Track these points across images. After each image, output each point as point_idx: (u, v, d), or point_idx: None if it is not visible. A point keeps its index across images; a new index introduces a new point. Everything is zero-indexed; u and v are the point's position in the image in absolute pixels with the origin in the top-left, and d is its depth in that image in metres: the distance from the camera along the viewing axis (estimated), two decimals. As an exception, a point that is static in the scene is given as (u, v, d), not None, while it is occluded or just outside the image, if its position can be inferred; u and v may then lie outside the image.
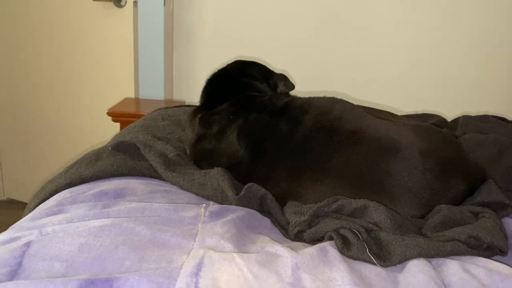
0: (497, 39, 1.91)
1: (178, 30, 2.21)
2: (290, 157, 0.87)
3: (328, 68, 2.04)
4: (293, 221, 0.77)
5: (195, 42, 2.20)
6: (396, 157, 0.82)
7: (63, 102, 2.19)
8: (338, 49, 2.00)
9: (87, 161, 0.96)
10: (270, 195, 0.85)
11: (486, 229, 0.74)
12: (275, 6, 2.04)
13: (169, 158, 0.95)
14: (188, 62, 2.22)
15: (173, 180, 0.89)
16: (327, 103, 0.92)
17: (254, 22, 2.06)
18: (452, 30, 1.93)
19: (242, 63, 1.17)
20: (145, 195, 0.84)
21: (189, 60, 2.22)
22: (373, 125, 0.86)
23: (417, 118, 1.25)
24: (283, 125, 0.89)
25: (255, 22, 2.06)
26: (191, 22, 2.20)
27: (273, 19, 2.04)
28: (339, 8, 1.98)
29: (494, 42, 1.92)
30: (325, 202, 0.78)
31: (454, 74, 1.96)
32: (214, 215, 0.77)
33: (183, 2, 2.17)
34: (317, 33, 2.01)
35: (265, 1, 2.05)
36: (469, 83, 1.94)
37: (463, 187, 0.86)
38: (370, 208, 0.76)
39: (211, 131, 0.97)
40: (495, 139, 1.08)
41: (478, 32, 1.91)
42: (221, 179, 0.86)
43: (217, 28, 2.15)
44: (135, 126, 1.23)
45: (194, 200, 0.85)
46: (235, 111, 0.95)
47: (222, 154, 0.93)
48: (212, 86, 1.11)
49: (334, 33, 2.00)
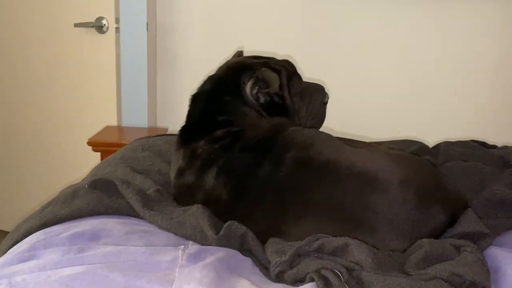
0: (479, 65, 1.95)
1: (161, 55, 2.20)
2: (272, 195, 0.85)
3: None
4: (274, 261, 0.76)
5: (179, 67, 2.19)
6: (375, 190, 0.82)
7: (43, 130, 2.15)
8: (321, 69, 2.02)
9: (63, 200, 0.93)
10: (251, 233, 0.83)
11: (468, 266, 0.73)
12: (261, 32, 2.05)
13: (147, 195, 0.93)
14: (173, 88, 2.21)
15: (151, 219, 0.87)
16: (308, 137, 0.91)
17: (239, 46, 2.07)
18: (433, 54, 1.97)
19: (223, 77, 1.05)
20: (122, 236, 0.81)
21: (173, 85, 2.21)
22: (352, 158, 0.86)
23: (398, 144, 1.25)
24: (266, 164, 0.87)
25: (240, 47, 2.07)
26: (175, 46, 2.19)
27: (258, 44, 2.05)
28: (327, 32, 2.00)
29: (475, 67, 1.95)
30: (306, 241, 0.77)
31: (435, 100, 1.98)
32: (193, 257, 0.75)
33: (166, 26, 2.17)
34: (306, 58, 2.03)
35: (250, 26, 2.06)
36: (450, 108, 1.97)
37: (444, 217, 0.85)
38: (351, 247, 0.75)
39: (192, 166, 0.95)
40: (477, 167, 1.08)
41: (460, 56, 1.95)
42: (200, 217, 0.84)
43: (201, 53, 2.15)
44: (115, 157, 1.21)
45: (173, 240, 0.83)
46: (216, 149, 0.93)
47: (201, 191, 0.92)
48: (195, 110, 1.04)
49: (319, 53, 2.02)
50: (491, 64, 1.93)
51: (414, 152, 1.18)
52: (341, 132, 1.21)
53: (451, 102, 1.96)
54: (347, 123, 1.89)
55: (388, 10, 1.95)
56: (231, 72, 1.05)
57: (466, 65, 1.94)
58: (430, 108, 1.97)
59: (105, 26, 2.03)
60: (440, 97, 1.98)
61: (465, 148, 1.20)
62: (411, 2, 1.92)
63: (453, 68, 1.95)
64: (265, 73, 0.99)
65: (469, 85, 1.95)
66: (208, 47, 2.13)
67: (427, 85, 1.98)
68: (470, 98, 1.96)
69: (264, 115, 1.00)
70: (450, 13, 1.92)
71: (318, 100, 1.09)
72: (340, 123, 1.72)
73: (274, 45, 1.95)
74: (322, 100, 1.10)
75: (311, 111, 1.08)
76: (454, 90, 1.96)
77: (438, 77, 1.97)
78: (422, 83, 1.98)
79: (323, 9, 2.00)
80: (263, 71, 1.00)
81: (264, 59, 1.08)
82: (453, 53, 1.95)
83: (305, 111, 1.08)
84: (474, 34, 1.92)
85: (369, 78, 2.02)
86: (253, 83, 1.00)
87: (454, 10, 1.91)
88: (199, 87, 1.07)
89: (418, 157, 0.99)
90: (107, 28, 2.03)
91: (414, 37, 1.96)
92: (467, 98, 1.96)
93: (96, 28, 2.03)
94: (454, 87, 1.96)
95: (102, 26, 2.03)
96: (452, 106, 1.97)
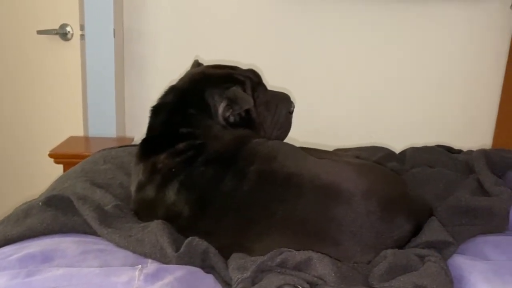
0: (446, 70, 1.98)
1: (129, 62, 2.15)
2: (235, 210, 0.83)
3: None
4: (236, 278, 0.73)
5: (148, 74, 2.14)
6: (338, 202, 0.81)
7: (6, 142, 2.06)
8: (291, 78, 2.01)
9: (15, 218, 0.88)
10: (213, 249, 0.80)
11: (431, 276, 0.73)
12: (229, 38, 2.03)
13: (105, 211, 0.89)
14: (142, 96, 2.15)
15: (109, 236, 0.83)
16: (272, 150, 0.90)
17: (208, 53, 2.04)
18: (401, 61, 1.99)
19: (186, 88, 1.01)
20: (76, 256, 0.77)
21: (142, 93, 2.16)
22: (315, 170, 0.85)
23: (365, 151, 1.25)
24: (229, 179, 0.85)
25: (209, 53, 2.04)
26: (143, 53, 2.15)
27: (227, 50, 2.03)
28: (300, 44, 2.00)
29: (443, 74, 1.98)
30: (269, 256, 0.75)
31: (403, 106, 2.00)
32: (150, 278, 0.71)
33: (134, 33, 2.12)
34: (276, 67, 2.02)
35: (220, 31, 2.04)
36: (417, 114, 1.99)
37: (408, 226, 0.85)
38: (314, 261, 0.74)
39: (153, 181, 0.92)
40: (442, 173, 1.09)
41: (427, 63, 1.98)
42: (159, 234, 0.80)
43: (170, 60, 2.10)
44: (75, 171, 1.16)
45: (130, 259, 0.79)
46: (178, 162, 0.90)
47: (162, 206, 0.88)
48: (156, 123, 1.00)
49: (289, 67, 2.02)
50: (458, 70, 1.97)
51: (381, 159, 1.18)
52: (308, 142, 1.19)
53: (419, 109, 1.99)
54: (315, 132, 1.89)
55: (354, 17, 1.96)
56: (195, 84, 1.02)
57: (433, 71, 1.97)
58: (398, 114, 1.99)
59: (70, 33, 1.98)
60: (408, 103, 2.00)
61: (431, 154, 1.21)
62: (378, 10, 1.93)
63: (419, 74, 1.98)
64: (237, 94, 0.97)
65: (435, 91, 1.98)
66: (177, 54, 2.09)
67: (394, 91, 2.00)
68: (437, 104, 1.98)
69: (228, 128, 0.98)
70: (417, 21, 1.95)
71: (283, 110, 1.07)
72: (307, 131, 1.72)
73: (241, 52, 1.94)
74: (288, 109, 1.08)
75: (276, 122, 1.07)
76: (421, 96, 1.99)
77: (406, 83, 1.99)
78: (390, 89, 2.00)
79: (289, 17, 1.99)
80: (234, 91, 0.97)
81: (227, 68, 1.06)
82: (419, 60, 1.97)
83: (271, 122, 1.06)
84: (439, 41, 1.95)
85: (336, 85, 2.02)
86: (226, 105, 0.97)
87: (421, 18, 1.94)
88: (161, 98, 1.03)
89: (381, 166, 0.99)
90: (72, 35, 1.98)
91: (381, 45, 1.97)
92: (430, 103, 1.98)
93: (60, 35, 1.98)
94: (422, 93, 1.98)
95: (66, 33, 1.98)
96: (419, 112, 1.99)
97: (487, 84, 1.97)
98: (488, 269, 0.77)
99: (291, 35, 2.01)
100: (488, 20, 1.93)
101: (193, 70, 1.09)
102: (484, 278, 0.74)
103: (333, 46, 2.00)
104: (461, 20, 1.93)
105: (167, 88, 1.04)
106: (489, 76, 1.96)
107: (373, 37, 1.97)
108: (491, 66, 1.95)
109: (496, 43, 1.95)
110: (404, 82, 1.99)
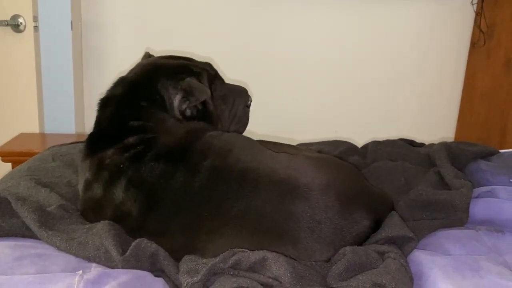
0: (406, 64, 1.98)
1: (88, 55, 2.07)
2: (187, 209, 0.78)
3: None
4: (185, 282, 0.68)
5: (107, 67, 2.06)
6: (296, 198, 0.77)
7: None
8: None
9: None
10: (163, 251, 0.75)
11: (390, 274, 0.70)
12: (187, 31, 1.99)
13: (48, 212, 0.82)
14: (101, 90, 2.06)
15: (49, 239, 0.77)
16: (227, 143, 0.85)
17: (169, 44, 1.98)
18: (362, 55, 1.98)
19: (137, 80, 0.95)
20: (10, 263, 0.70)
21: (101, 87, 2.05)
22: (272, 165, 0.81)
23: (327, 145, 1.22)
24: (180, 174, 0.79)
25: (170, 44, 1.97)
26: (102, 46, 2.07)
27: (189, 43, 1.97)
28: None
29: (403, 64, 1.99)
30: (221, 258, 0.70)
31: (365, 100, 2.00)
32: (91, 284, 0.65)
33: (92, 24, 2.03)
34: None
35: (181, 23, 1.99)
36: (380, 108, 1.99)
37: (368, 221, 0.82)
38: (269, 261, 0.70)
39: (100, 178, 0.85)
40: (403, 167, 1.07)
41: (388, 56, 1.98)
42: (105, 236, 0.75)
43: (130, 52, 2.01)
44: (20, 169, 1.08)
45: (73, 264, 0.73)
46: (126, 158, 0.83)
47: (109, 206, 0.82)
48: (104, 116, 0.94)
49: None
50: (421, 65, 1.98)
51: (343, 153, 1.16)
52: (269, 135, 1.16)
53: (381, 102, 1.99)
54: (276, 126, 1.86)
55: (317, 11, 1.94)
56: (146, 75, 0.96)
57: (395, 66, 1.98)
58: (361, 108, 1.98)
59: (22, 24, 1.88)
60: (371, 98, 2.00)
61: (392, 148, 1.19)
62: (340, 6, 1.92)
63: (381, 70, 1.98)
64: (193, 85, 0.92)
65: (398, 86, 1.99)
66: (138, 47, 2.01)
67: (358, 86, 1.99)
68: (400, 98, 1.99)
69: (183, 121, 0.92)
70: (379, 16, 1.95)
71: (241, 104, 1.03)
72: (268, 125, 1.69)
73: (200, 44, 1.89)
74: (245, 103, 1.04)
75: (234, 115, 1.02)
76: (384, 90, 1.99)
77: (369, 79, 1.99)
78: (354, 84, 1.99)
79: (249, 9, 1.96)
80: (190, 82, 0.92)
81: (182, 59, 1.01)
82: (381, 56, 1.98)
83: (228, 115, 1.01)
84: (401, 37, 1.96)
85: (297, 79, 2.00)
86: (181, 97, 0.92)
87: (383, 13, 1.94)
88: (109, 90, 0.97)
89: (340, 160, 0.95)
90: (25, 26, 1.89)
91: (344, 41, 1.96)
92: (394, 97, 1.99)
93: (12, 26, 1.88)
94: (385, 88, 1.98)
95: (18, 25, 1.88)
96: (382, 106, 1.99)
97: (450, 78, 1.99)
98: (448, 264, 0.75)
99: (253, 29, 1.98)
100: (449, 16, 1.95)
101: (144, 61, 1.03)
102: (444, 273, 0.72)
103: (298, 41, 1.98)
104: (424, 16, 1.94)
105: (116, 80, 0.98)
106: (451, 70, 1.98)
107: (336, 34, 1.96)
108: (453, 60, 1.97)
109: (458, 38, 1.97)
110: (367, 77, 1.99)
